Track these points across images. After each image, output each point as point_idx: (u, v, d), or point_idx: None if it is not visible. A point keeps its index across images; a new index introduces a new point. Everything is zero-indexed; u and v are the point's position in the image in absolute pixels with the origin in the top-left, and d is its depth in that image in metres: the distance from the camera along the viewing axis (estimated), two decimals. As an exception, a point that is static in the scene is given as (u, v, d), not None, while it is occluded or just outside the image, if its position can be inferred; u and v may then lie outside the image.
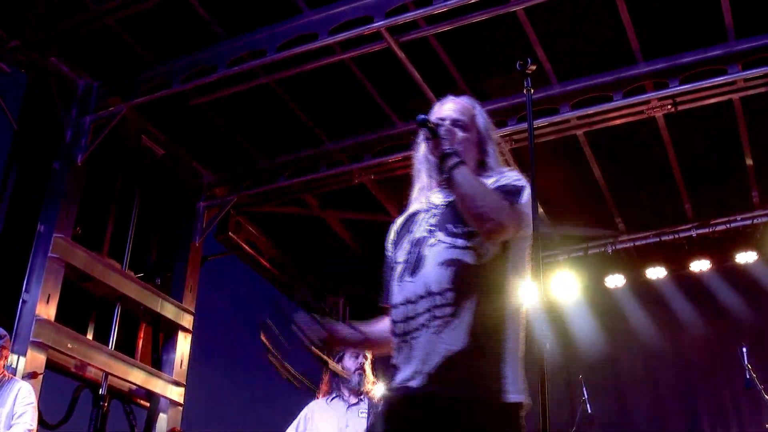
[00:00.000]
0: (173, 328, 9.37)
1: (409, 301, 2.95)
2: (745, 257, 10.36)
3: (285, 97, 8.95)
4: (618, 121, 8.72)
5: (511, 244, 3.00)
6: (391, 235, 3.35)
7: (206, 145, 9.77)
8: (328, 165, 9.65)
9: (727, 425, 10.21)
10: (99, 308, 8.69)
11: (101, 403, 8.29)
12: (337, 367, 5.66)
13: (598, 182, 9.87)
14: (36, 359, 7.43)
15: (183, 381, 9.24)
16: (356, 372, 5.86)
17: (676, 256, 10.81)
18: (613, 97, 8.35)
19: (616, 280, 10.94)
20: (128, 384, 8.71)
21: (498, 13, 7.51)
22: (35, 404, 5.98)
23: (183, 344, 9.40)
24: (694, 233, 10.73)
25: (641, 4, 7.59)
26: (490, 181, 3.07)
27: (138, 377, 8.68)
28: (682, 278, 10.76)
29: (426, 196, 3.26)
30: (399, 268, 3.08)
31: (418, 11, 7.39)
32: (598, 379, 10.00)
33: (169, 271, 9.71)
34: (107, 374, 8.34)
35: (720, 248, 10.64)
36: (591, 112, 8.54)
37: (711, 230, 10.66)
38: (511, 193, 3.00)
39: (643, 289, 10.89)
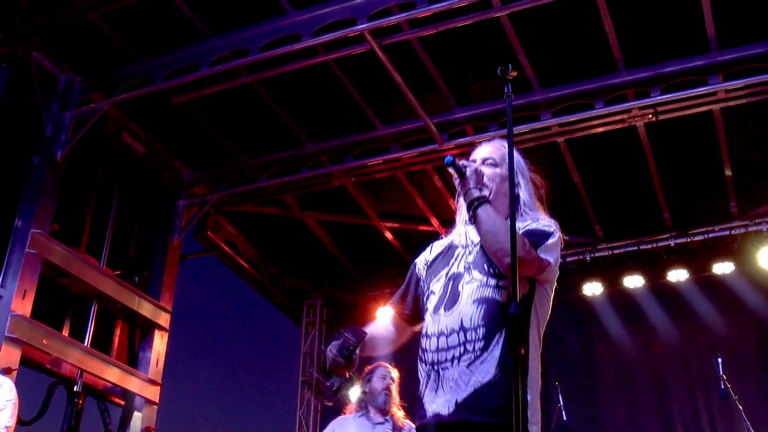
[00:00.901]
0: (150, 326, 9.34)
1: (442, 334, 3.17)
2: (723, 268, 10.44)
3: (267, 98, 8.94)
4: (599, 129, 8.77)
5: (536, 286, 3.21)
6: (427, 255, 3.58)
7: (187, 144, 9.76)
8: (309, 166, 9.65)
9: (701, 433, 10.28)
10: (75, 305, 8.64)
11: (76, 400, 8.24)
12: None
13: (577, 189, 9.90)
14: (11, 354, 7.38)
15: (159, 380, 9.21)
16: (383, 392, 6.20)
17: (653, 265, 10.87)
18: (595, 105, 8.39)
19: (593, 288, 10.98)
20: (103, 382, 8.67)
21: (481, 19, 7.54)
22: (15, 401, 5.95)
23: (159, 343, 9.37)
24: (672, 242, 10.79)
25: (624, 13, 7.62)
26: (523, 225, 3.27)
27: (113, 375, 8.63)
28: (659, 287, 10.81)
29: (465, 231, 3.44)
30: (434, 300, 3.31)
31: (401, 15, 7.40)
32: (574, 386, 10.02)
33: (147, 269, 9.68)
34: (82, 371, 8.30)
35: (698, 258, 10.71)
36: (572, 119, 8.58)
37: (689, 240, 10.73)
38: (535, 235, 3.21)
39: (620, 298, 10.94)
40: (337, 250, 11.82)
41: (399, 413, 6.23)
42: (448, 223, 10.68)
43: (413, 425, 6.23)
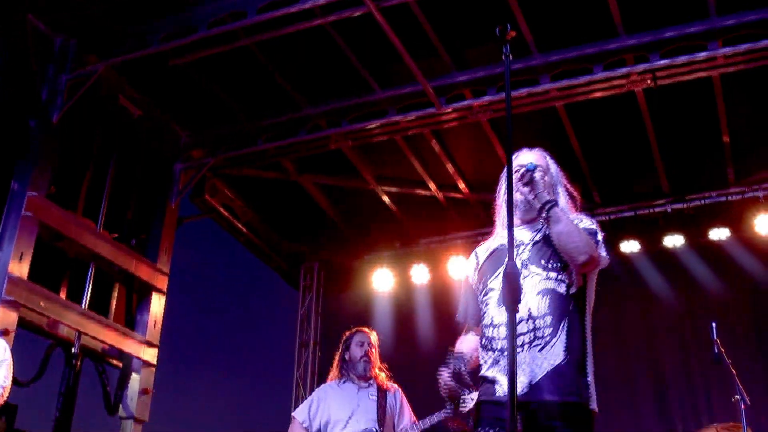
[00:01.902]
0: (147, 289, 9.33)
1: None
2: (719, 234, 10.45)
3: (264, 61, 8.87)
4: (597, 94, 8.72)
5: (588, 277, 3.66)
6: (476, 262, 3.89)
7: (184, 107, 9.69)
8: (307, 129, 9.60)
9: (695, 397, 10.32)
10: (73, 268, 8.62)
11: (73, 362, 8.26)
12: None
13: (575, 154, 9.87)
14: (8, 317, 7.38)
15: (156, 342, 9.21)
16: (362, 359, 6.31)
17: (650, 231, 10.86)
18: (594, 69, 8.35)
19: (590, 253, 10.92)
20: (101, 344, 8.68)
21: (481, -19, 7.47)
22: (10, 361, 5.94)
23: (157, 305, 9.37)
24: (669, 208, 10.79)
25: (624, -23, 7.57)
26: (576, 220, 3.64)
27: (111, 337, 8.65)
28: (655, 253, 10.80)
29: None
30: (495, 295, 3.60)
31: (400, -23, 7.33)
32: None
33: (144, 232, 9.65)
34: (80, 333, 8.30)
35: (694, 224, 10.71)
36: (571, 83, 8.54)
37: (686, 206, 10.71)
38: (592, 234, 3.63)
39: (616, 262, 10.93)
40: (335, 213, 11.80)
41: (382, 375, 6.36)
42: (445, 187, 10.74)
43: (397, 387, 6.44)
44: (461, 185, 10.76)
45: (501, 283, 3.42)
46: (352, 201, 11.57)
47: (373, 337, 6.47)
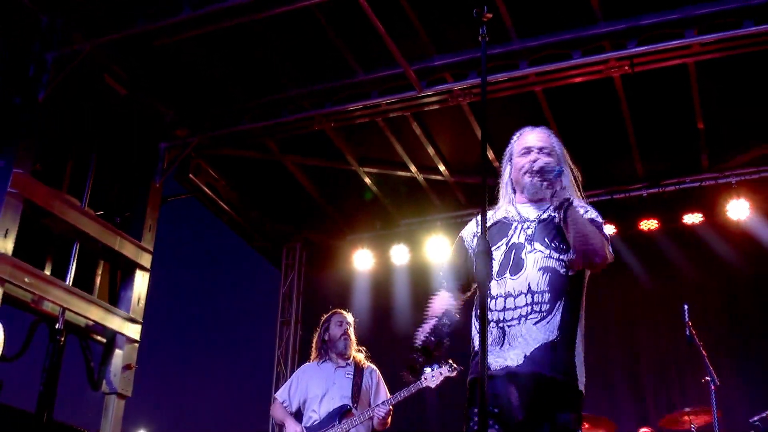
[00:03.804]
0: (131, 266, 9.31)
1: (510, 295, 3.54)
2: (692, 218, 10.54)
3: (249, 42, 8.85)
4: (576, 80, 8.75)
5: None
6: (473, 228, 3.97)
7: (169, 87, 9.64)
8: (290, 110, 9.59)
9: (668, 379, 10.43)
10: (57, 244, 8.61)
11: (58, 338, 8.23)
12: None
13: (553, 139, 9.88)
14: (-7, 292, 7.38)
15: (140, 318, 9.21)
16: (342, 337, 6.49)
17: (626, 215, 10.92)
18: (572, 55, 8.36)
19: (567, 236, 10.98)
20: (85, 320, 8.68)
21: (462, -33, 7.45)
22: (2, 337, 5.92)
23: (140, 282, 9.36)
24: (644, 193, 10.87)
25: (603, -36, 7.58)
26: (583, 210, 3.68)
27: (95, 314, 8.64)
28: (631, 236, 10.86)
29: (516, 208, 3.83)
30: (495, 266, 3.62)
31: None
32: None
33: (129, 210, 9.62)
34: (64, 309, 8.29)
35: (669, 209, 10.78)
36: (550, 69, 8.55)
37: (661, 191, 10.80)
38: (599, 227, 3.67)
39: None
40: (317, 193, 11.81)
41: (359, 355, 6.52)
42: (426, 169, 10.74)
43: (374, 367, 6.52)
44: (441, 167, 10.78)
45: (503, 254, 3.62)
46: (335, 181, 11.57)
47: (350, 318, 6.61)
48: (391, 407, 6.19)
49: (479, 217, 3.70)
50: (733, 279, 10.38)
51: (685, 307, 6.95)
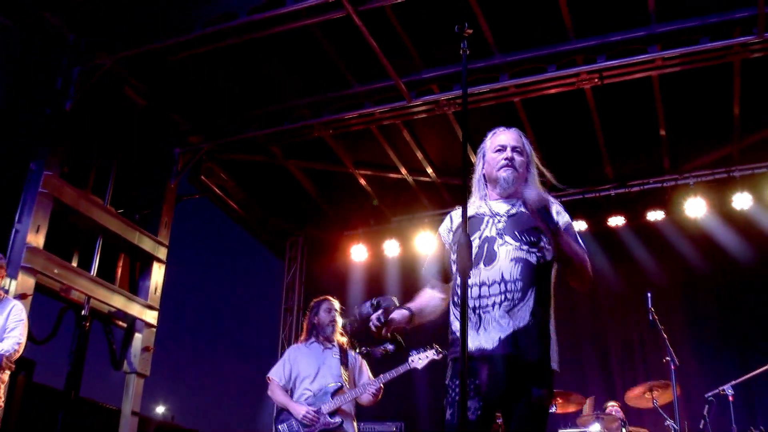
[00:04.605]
0: (149, 258, 9.41)
1: (484, 284, 3.49)
2: (655, 215, 10.62)
3: (254, 57, 8.91)
4: (551, 91, 8.82)
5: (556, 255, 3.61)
6: (449, 224, 3.89)
7: (183, 98, 9.68)
8: (292, 119, 9.65)
9: (633, 359, 10.55)
10: (83, 239, 8.70)
11: (83, 323, 8.34)
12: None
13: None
14: (26, 282, 7.46)
15: (157, 305, 9.31)
16: (330, 323, 6.45)
17: (596, 213, 11.00)
18: (548, 68, 8.45)
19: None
20: (108, 307, 8.78)
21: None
22: (26, 321, 6.01)
23: (157, 273, 9.46)
24: (612, 192, 10.96)
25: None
26: (554, 210, 3.62)
27: (117, 301, 8.75)
28: (601, 232, 10.93)
29: (487, 204, 3.76)
30: None
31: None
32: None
33: (147, 208, 9.72)
34: (89, 297, 8.38)
35: (634, 207, 10.87)
36: (527, 81, 8.63)
37: (627, 191, 10.90)
38: (578, 236, 3.70)
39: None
40: (317, 193, 11.88)
41: (343, 339, 6.51)
42: (415, 171, 10.80)
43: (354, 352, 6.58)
44: (429, 170, 10.85)
45: (477, 247, 3.56)
46: (333, 183, 11.63)
47: (337, 305, 6.59)
48: (381, 385, 6.24)
49: (453, 214, 3.90)
50: (690, 270, 10.47)
51: (648, 295, 7.02)
